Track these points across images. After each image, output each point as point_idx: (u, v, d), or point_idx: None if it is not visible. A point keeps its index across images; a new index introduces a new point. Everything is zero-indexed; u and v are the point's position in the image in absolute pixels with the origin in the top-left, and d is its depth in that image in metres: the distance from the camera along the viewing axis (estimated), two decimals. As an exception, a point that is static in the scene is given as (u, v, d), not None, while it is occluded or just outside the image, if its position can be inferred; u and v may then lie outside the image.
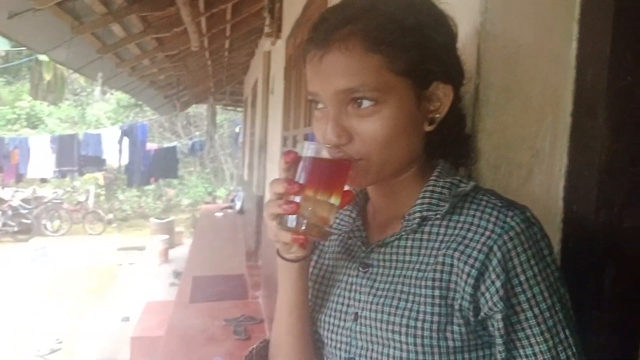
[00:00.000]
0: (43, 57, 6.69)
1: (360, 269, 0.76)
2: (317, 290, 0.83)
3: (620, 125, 0.80)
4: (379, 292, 0.72)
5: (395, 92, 0.67)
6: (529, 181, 0.88)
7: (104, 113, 16.57)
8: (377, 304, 0.71)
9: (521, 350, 0.66)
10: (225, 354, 3.61)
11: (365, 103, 0.67)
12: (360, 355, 0.73)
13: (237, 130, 14.36)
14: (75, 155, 11.26)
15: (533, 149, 0.88)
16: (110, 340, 4.83)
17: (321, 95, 0.70)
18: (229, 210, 9.92)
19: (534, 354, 0.65)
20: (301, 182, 0.68)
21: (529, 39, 0.88)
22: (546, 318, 0.64)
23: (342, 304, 0.77)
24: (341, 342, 0.76)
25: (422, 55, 0.67)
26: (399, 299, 0.69)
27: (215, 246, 6.94)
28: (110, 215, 13.81)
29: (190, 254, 6.77)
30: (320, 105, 0.71)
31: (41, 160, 11.27)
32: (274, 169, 4.99)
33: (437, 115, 0.70)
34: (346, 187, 0.70)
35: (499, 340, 0.66)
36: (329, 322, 0.79)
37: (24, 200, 12.06)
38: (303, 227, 0.68)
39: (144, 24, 4.12)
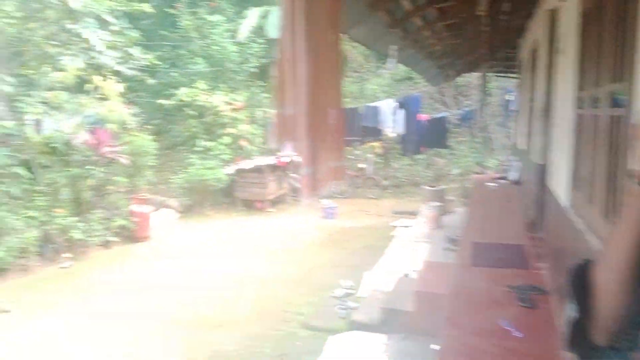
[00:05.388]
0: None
1: None
2: None
3: None
4: None
5: None
6: None
7: (379, 87, 17.82)
8: None
9: None
10: (510, 318, 3.61)
11: None
12: None
13: (507, 97, 13.68)
14: (358, 126, 12.49)
15: None
16: (394, 292, 5.31)
17: None
18: (501, 181, 9.62)
19: None
20: None
21: None
22: None
23: None
24: None
25: None
26: None
27: (490, 215, 6.86)
28: (386, 182, 14.89)
29: (465, 221, 6.86)
30: None
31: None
32: (562, 134, 4.63)
33: None
34: None
35: None
36: None
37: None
38: None
39: (431, -5, 4.29)
